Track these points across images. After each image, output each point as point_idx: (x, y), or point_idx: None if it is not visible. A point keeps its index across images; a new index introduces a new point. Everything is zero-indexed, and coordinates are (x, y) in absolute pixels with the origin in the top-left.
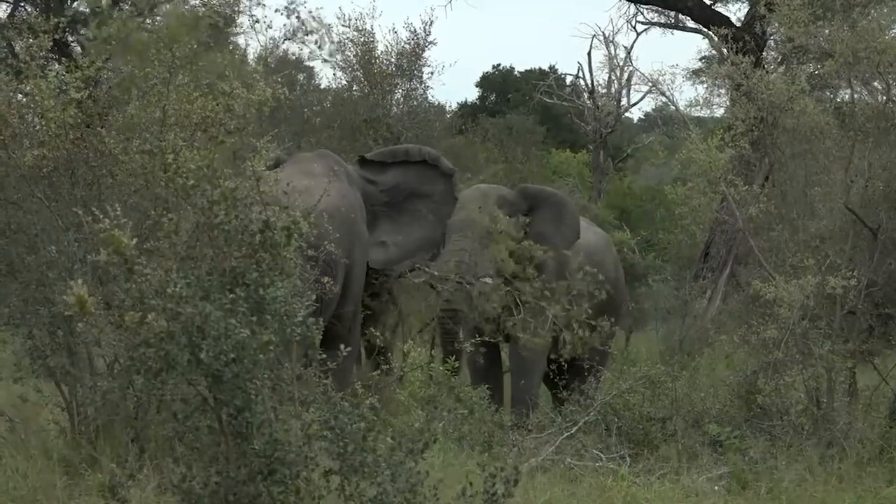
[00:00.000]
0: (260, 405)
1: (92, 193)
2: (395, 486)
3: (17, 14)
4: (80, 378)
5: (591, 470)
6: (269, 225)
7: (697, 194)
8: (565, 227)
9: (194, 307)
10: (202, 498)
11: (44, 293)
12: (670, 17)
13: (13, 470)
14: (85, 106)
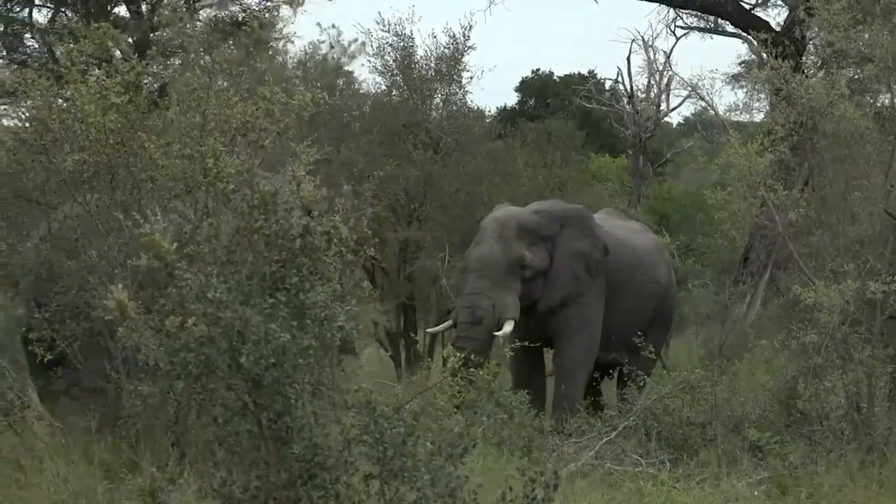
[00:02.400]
0: (300, 410)
1: (133, 198)
2: (434, 491)
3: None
4: (121, 382)
5: (630, 475)
6: (310, 229)
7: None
8: (597, 238)
9: (234, 312)
10: (242, 502)
11: (85, 298)
12: (710, 22)
13: (54, 474)
14: (125, 111)
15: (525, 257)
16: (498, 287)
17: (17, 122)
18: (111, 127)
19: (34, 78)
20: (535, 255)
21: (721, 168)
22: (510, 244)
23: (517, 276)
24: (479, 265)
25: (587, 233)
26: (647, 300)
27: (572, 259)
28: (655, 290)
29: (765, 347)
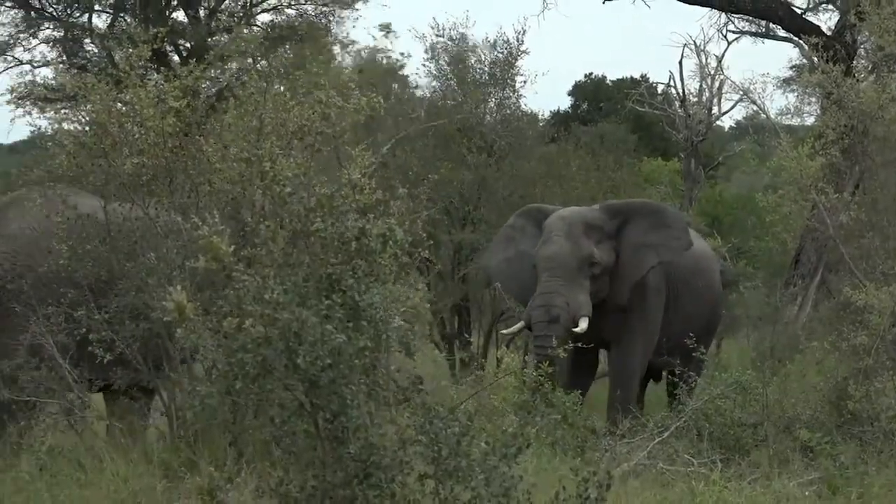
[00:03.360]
0: (356, 410)
1: (191, 201)
2: (489, 491)
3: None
4: (179, 383)
5: (682, 475)
6: (365, 232)
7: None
8: (675, 230)
9: (291, 313)
10: (299, 501)
11: (143, 299)
12: (761, 27)
13: (114, 473)
14: (183, 115)
15: (594, 254)
16: (570, 285)
17: (78, 126)
18: (169, 131)
19: (94, 82)
20: (603, 252)
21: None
22: (579, 242)
23: (587, 274)
24: (549, 264)
25: (653, 226)
26: (703, 306)
27: (636, 254)
28: (711, 296)
29: (816, 349)
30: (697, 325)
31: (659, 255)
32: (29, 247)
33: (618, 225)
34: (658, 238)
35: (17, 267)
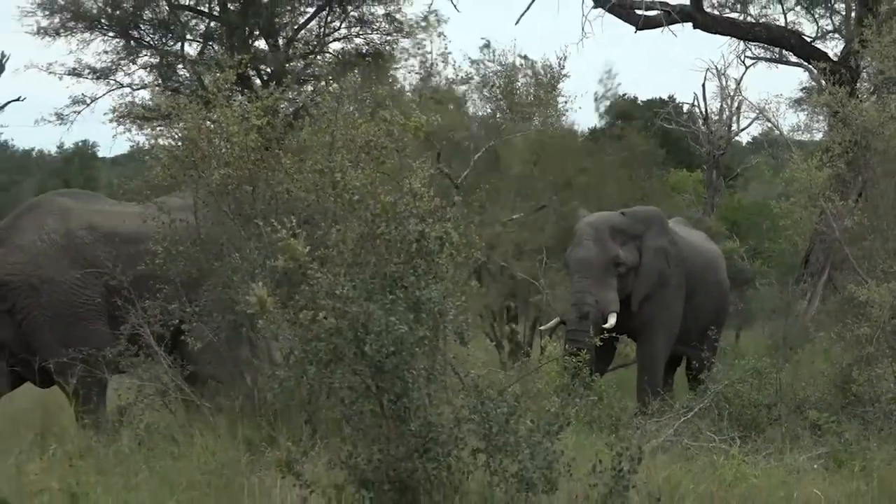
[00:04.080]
0: (416, 392)
1: (271, 207)
2: (534, 463)
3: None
4: (261, 368)
5: (705, 450)
6: (425, 235)
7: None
8: (669, 235)
9: (359, 307)
10: (366, 473)
11: (229, 294)
12: (775, 53)
13: (203, 447)
14: (264, 131)
15: (620, 256)
16: (599, 284)
17: (171, 142)
18: (252, 146)
19: (186, 103)
20: (628, 253)
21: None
22: (605, 245)
23: (614, 273)
24: (579, 266)
25: (666, 231)
26: (714, 299)
27: (657, 254)
28: (720, 290)
29: (823, 339)
30: (709, 315)
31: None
32: (38, 258)
33: (641, 228)
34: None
35: (29, 277)
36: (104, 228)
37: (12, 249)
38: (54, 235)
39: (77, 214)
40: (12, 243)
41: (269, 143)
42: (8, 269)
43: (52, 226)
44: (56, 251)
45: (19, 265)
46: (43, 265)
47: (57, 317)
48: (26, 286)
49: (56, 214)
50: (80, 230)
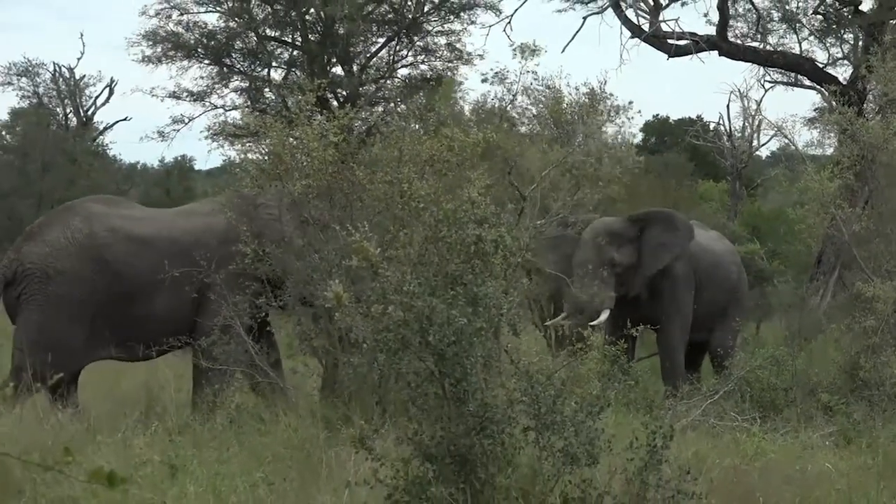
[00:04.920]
0: (474, 377)
1: (346, 214)
2: (578, 440)
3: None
4: (337, 355)
5: (729, 428)
6: (481, 238)
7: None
8: (680, 230)
9: (424, 301)
10: (430, 448)
11: (310, 291)
12: (791, 77)
13: (286, 425)
14: (341, 147)
15: (615, 258)
16: (593, 285)
17: (259, 156)
18: (330, 159)
19: (271, 122)
20: (622, 255)
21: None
22: (601, 249)
23: (611, 274)
24: (579, 269)
25: (670, 230)
26: (722, 292)
27: (656, 251)
28: (728, 284)
29: (834, 330)
30: (720, 306)
31: (671, 251)
32: (58, 252)
33: (638, 230)
34: (670, 237)
35: (46, 267)
36: (124, 231)
37: (38, 243)
38: (77, 234)
39: (101, 217)
40: (40, 238)
41: (344, 157)
42: (31, 259)
43: (77, 225)
44: (76, 248)
45: (41, 255)
46: (60, 258)
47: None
48: (41, 273)
49: (83, 216)
50: (102, 231)
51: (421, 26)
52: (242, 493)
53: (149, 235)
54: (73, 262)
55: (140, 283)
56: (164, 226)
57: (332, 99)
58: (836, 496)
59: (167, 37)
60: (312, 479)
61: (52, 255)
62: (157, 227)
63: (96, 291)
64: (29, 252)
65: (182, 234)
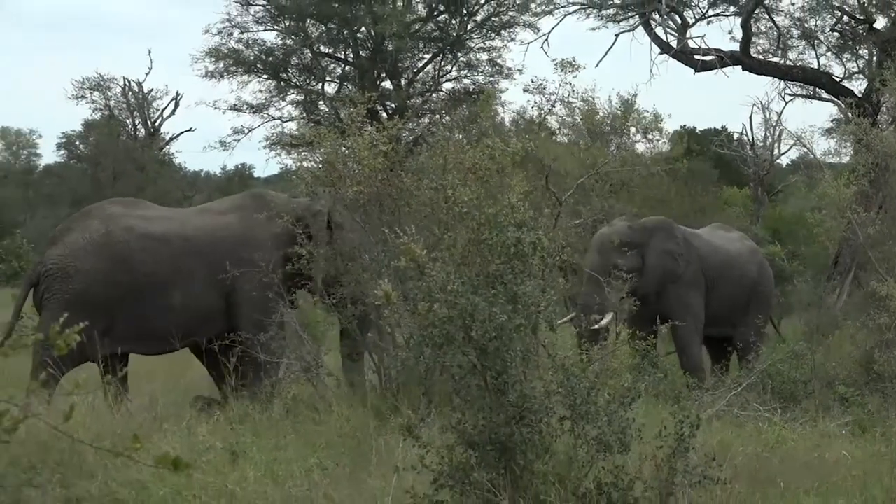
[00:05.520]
0: (514, 370)
1: (394, 218)
2: (610, 429)
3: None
4: (386, 350)
5: (752, 418)
6: (520, 241)
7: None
8: (678, 238)
9: (467, 300)
10: (472, 436)
11: (361, 289)
12: (810, 90)
13: (339, 415)
14: (389, 156)
15: (619, 263)
16: (601, 288)
17: (313, 164)
18: (379, 167)
19: (325, 132)
20: (627, 260)
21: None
22: (607, 254)
23: (616, 278)
24: (587, 273)
25: (672, 236)
26: (740, 290)
27: (661, 257)
28: (746, 282)
29: (850, 326)
30: (739, 303)
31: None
32: (77, 252)
33: (643, 236)
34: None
35: (66, 266)
36: (139, 230)
37: (60, 246)
38: (95, 235)
39: (118, 218)
40: (62, 242)
41: (393, 165)
42: (52, 260)
43: (96, 227)
44: (94, 247)
45: (62, 257)
46: (79, 258)
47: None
48: (62, 273)
49: (101, 218)
50: (119, 231)
51: (464, 43)
52: (298, 478)
53: (163, 233)
54: (92, 260)
55: (155, 279)
56: (178, 224)
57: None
58: (851, 482)
59: (229, 53)
60: (363, 464)
61: (71, 255)
62: (171, 226)
63: (114, 286)
64: (51, 254)
65: (195, 232)
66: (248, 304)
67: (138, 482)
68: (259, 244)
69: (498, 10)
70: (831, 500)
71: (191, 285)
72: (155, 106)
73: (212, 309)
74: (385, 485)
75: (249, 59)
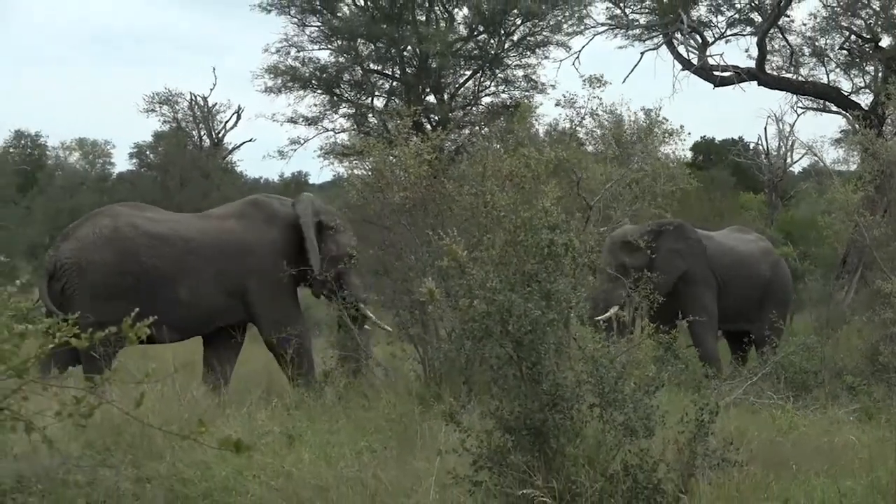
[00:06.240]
0: (547, 361)
1: (437, 221)
2: (636, 415)
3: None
4: (430, 342)
5: (766, 406)
6: (553, 242)
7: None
8: (690, 240)
9: (504, 296)
10: (509, 421)
11: (406, 287)
12: (820, 104)
13: (387, 401)
14: (433, 164)
15: (626, 262)
16: (609, 285)
17: (363, 172)
18: (424, 175)
19: (374, 143)
20: (634, 259)
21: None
22: (616, 254)
23: (626, 276)
24: (599, 270)
25: (682, 237)
26: (752, 287)
27: (668, 256)
28: (759, 280)
29: (857, 321)
30: (751, 300)
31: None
32: (88, 247)
33: (652, 237)
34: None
35: (79, 260)
36: (143, 228)
37: (72, 241)
38: (104, 231)
39: (125, 217)
40: (74, 236)
41: (436, 172)
42: (67, 255)
43: (105, 223)
44: (103, 242)
45: (74, 251)
46: (90, 251)
47: (94, 294)
48: (77, 267)
49: (110, 216)
50: (125, 227)
51: (502, 61)
52: (349, 459)
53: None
54: (102, 254)
55: (159, 274)
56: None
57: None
58: (859, 464)
59: (286, 70)
60: (409, 447)
61: (83, 249)
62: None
63: (123, 276)
64: (65, 249)
65: (196, 234)
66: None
67: (203, 463)
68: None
69: (533, 30)
70: (840, 481)
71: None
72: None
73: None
74: (429, 466)
75: (305, 76)
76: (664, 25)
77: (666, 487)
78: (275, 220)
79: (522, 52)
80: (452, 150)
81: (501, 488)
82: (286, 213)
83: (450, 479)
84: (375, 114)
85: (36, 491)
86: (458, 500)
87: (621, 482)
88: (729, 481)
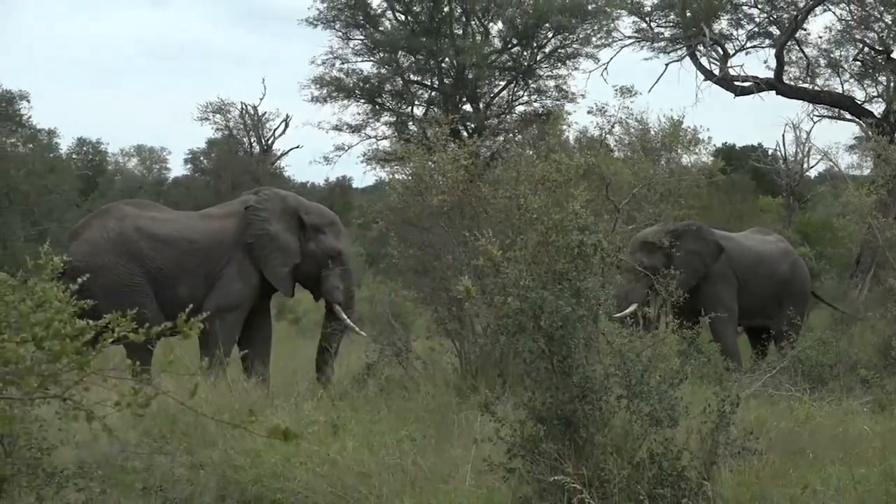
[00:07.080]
0: (577, 354)
1: (473, 223)
2: (661, 406)
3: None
4: (466, 337)
5: (784, 397)
6: (583, 243)
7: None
8: (708, 241)
9: (537, 294)
10: (541, 412)
11: (444, 285)
12: (835, 112)
13: (426, 393)
14: (470, 169)
15: (644, 262)
16: (630, 284)
17: (404, 176)
18: (461, 179)
19: (414, 149)
20: (651, 259)
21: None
22: (635, 254)
23: (644, 275)
24: (622, 271)
25: (701, 239)
26: (770, 285)
27: (687, 256)
28: (777, 279)
29: (870, 317)
30: (771, 297)
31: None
32: (96, 247)
33: (671, 239)
34: (701, 246)
35: (87, 262)
36: (148, 230)
37: (81, 242)
38: (111, 233)
39: (131, 218)
40: (82, 237)
41: (472, 177)
42: (77, 257)
43: (112, 225)
44: (110, 245)
45: (84, 253)
46: (100, 254)
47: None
48: (87, 268)
49: (117, 217)
50: (131, 230)
51: (534, 72)
52: (391, 447)
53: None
54: (110, 256)
55: (164, 273)
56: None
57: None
58: (872, 453)
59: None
60: (447, 436)
61: (92, 251)
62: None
63: (131, 276)
64: (75, 250)
65: (197, 234)
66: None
67: (253, 450)
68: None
69: (564, 43)
70: (854, 468)
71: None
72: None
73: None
74: (465, 454)
75: (349, 86)
76: (687, 38)
77: (689, 474)
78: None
79: (554, 64)
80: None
81: (534, 475)
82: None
83: (485, 467)
84: (415, 122)
85: (96, 476)
86: (492, 486)
87: (647, 469)
88: (749, 469)
